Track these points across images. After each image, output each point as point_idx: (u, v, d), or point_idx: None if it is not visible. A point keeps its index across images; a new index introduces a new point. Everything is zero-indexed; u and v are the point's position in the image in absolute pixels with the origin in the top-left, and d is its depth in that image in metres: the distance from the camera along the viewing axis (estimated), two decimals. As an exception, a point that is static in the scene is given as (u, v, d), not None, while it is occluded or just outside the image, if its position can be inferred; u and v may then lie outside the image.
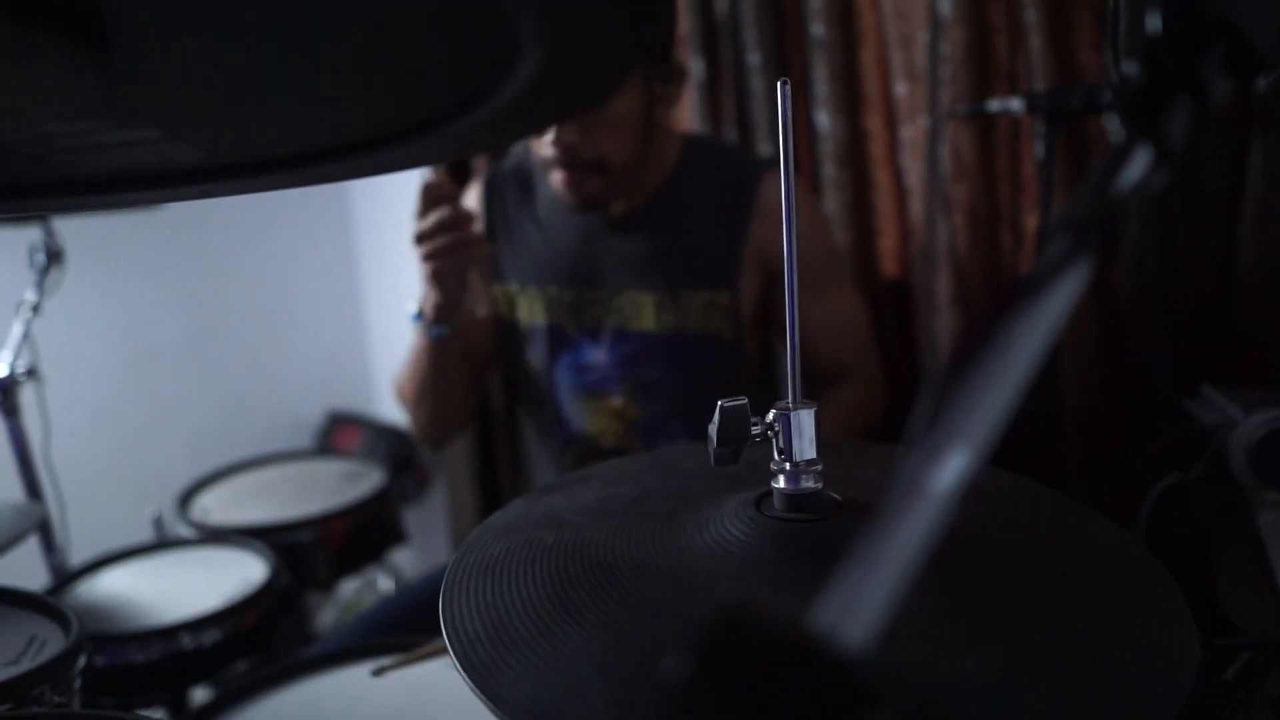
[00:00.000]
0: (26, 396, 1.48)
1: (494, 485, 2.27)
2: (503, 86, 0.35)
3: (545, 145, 1.16)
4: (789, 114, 0.57)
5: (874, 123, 1.55)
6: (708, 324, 1.22)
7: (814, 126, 1.55)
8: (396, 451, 2.53)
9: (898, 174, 1.54)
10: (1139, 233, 1.26)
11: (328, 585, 1.53)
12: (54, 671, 0.81)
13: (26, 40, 0.27)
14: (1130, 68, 0.31)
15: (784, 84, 0.57)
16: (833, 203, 1.54)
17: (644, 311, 1.23)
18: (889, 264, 1.57)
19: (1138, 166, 0.29)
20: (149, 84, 0.38)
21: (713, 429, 0.56)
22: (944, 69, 1.39)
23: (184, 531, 1.54)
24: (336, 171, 0.48)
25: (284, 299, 2.63)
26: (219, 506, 1.60)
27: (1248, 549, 0.93)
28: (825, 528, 0.55)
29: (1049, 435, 1.31)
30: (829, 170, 1.54)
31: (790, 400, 0.57)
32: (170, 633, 1.19)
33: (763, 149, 1.59)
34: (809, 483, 0.56)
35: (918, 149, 1.49)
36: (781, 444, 0.56)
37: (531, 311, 1.29)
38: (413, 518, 2.15)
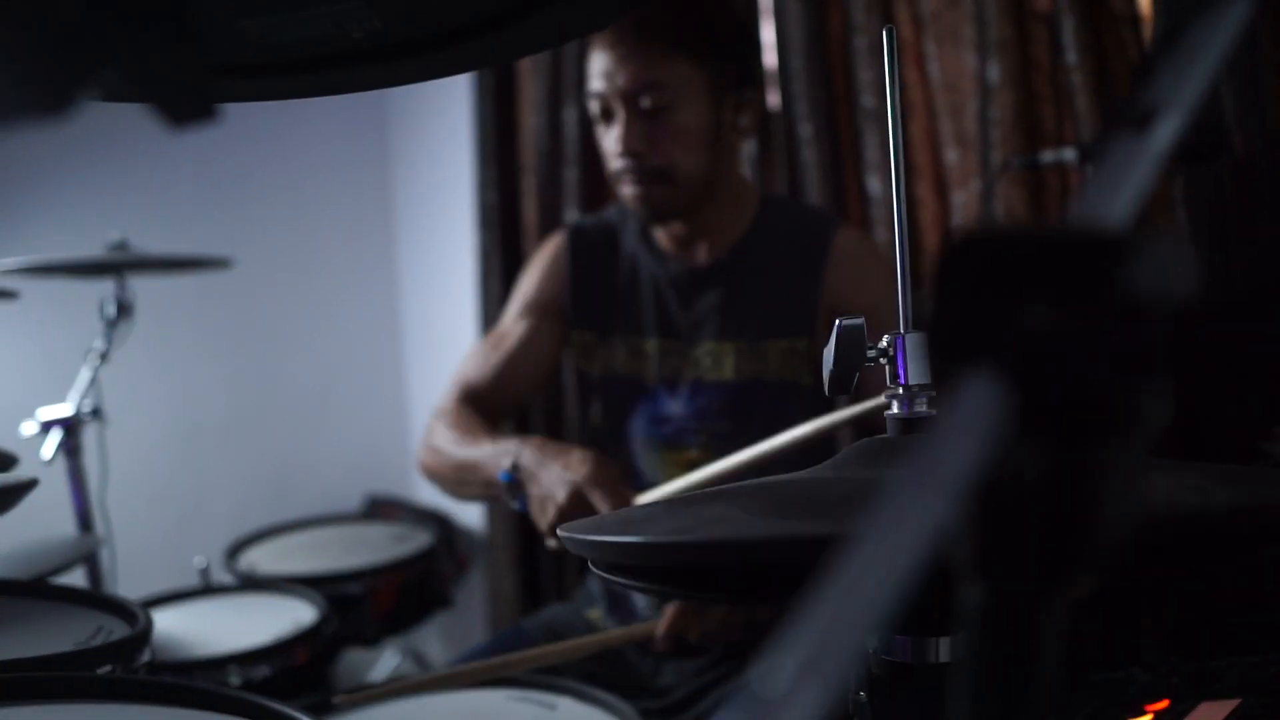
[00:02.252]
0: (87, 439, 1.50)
1: (535, 571, 2.22)
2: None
3: (615, 157, 1.21)
4: (896, 61, 0.60)
5: (924, 190, 1.60)
6: (786, 372, 1.23)
7: (865, 191, 1.60)
8: (435, 537, 2.50)
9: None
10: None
11: (373, 641, 1.50)
12: (123, 651, 0.79)
13: None
14: None
15: (889, 30, 0.60)
16: (885, 265, 1.57)
17: (723, 361, 1.25)
18: (942, 327, 1.59)
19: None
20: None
21: (829, 352, 0.57)
22: (994, 132, 1.45)
23: (231, 581, 1.52)
24: (485, 53, 0.51)
25: (330, 381, 2.66)
26: (265, 560, 1.58)
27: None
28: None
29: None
30: (881, 233, 1.57)
31: (902, 326, 0.58)
32: (218, 665, 1.17)
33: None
34: (922, 407, 0.56)
35: (970, 211, 1.53)
36: (895, 370, 0.56)
37: (608, 363, 1.31)
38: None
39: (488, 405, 1.30)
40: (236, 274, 1.83)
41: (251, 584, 1.43)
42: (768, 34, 1.73)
